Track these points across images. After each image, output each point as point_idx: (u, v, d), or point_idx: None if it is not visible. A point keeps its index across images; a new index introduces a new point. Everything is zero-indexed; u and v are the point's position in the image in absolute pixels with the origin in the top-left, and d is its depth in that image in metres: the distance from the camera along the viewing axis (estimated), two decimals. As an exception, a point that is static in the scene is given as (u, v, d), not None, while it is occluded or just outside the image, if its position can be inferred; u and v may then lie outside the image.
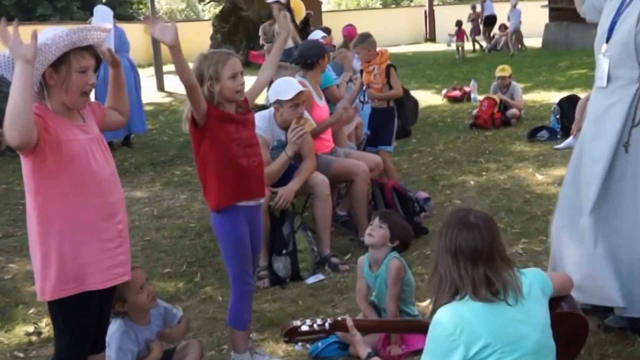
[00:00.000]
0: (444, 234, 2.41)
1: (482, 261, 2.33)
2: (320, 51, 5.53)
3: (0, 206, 6.82)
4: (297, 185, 4.57)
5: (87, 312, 2.73)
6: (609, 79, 3.30)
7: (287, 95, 4.52)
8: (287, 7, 10.59)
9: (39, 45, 2.46)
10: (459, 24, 20.49)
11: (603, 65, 3.32)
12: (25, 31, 2.39)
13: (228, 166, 3.24)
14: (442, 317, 2.33)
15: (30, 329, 4.09)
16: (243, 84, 3.27)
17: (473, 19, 21.61)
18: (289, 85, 4.59)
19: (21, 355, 3.83)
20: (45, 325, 4.03)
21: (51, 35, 2.53)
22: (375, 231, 3.56)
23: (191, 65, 3.13)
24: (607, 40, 3.31)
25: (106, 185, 2.71)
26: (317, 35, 7.67)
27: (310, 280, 4.58)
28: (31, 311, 4.30)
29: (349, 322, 2.87)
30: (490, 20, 21.08)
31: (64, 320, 2.72)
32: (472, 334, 2.28)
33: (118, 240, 2.73)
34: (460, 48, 20.00)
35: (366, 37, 6.40)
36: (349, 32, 9.33)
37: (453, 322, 2.30)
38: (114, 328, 3.15)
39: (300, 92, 4.54)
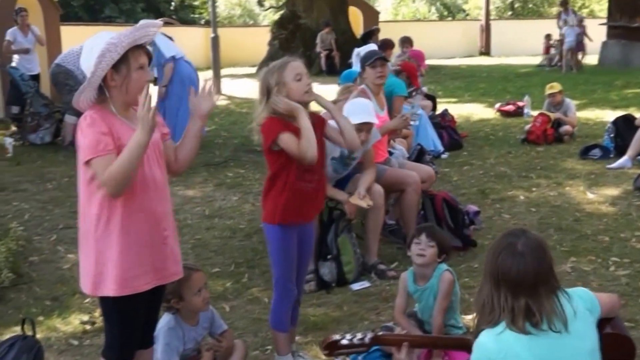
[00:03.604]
0: (491, 257, 2.35)
1: (524, 291, 2.26)
2: (363, 59, 5.53)
3: (63, 198, 6.96)
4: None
5: (135, 311, 2.81)
6: None
7: (354, 120, 4.26)
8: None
9: (106, 46, 2.56)
10: (547, 36, 20.68)
11: None
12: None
13: (285, 188, 3.31)
14: (485, 340, 2.30)
15: (85, 318, 4.23)
16: (309, 84, 3.28)
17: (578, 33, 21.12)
18: (361, 110, 4.56)
19: (75, 342, 3.97)
20: (99, 316, 4.12)
21: (114, 35, 2.61)
22: (426, 251, 3.53)
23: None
24: None
25: (157, 190, 2.79)
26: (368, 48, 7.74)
27: (356, 286, 4.63)
28: (87, 300, 4.43)
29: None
30: None
31: (113, 317, 2.82)
32: None
33: (162, 245, 2.80)
34: (546, 60, 20.16)
35: None
36: (415, 54, 9.58)
37: (497, 347, 2.26)
38: (163, 322, 3.23)
39: (366, 123, 4.51)
